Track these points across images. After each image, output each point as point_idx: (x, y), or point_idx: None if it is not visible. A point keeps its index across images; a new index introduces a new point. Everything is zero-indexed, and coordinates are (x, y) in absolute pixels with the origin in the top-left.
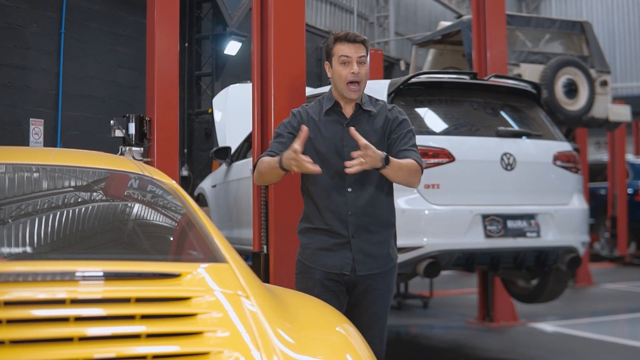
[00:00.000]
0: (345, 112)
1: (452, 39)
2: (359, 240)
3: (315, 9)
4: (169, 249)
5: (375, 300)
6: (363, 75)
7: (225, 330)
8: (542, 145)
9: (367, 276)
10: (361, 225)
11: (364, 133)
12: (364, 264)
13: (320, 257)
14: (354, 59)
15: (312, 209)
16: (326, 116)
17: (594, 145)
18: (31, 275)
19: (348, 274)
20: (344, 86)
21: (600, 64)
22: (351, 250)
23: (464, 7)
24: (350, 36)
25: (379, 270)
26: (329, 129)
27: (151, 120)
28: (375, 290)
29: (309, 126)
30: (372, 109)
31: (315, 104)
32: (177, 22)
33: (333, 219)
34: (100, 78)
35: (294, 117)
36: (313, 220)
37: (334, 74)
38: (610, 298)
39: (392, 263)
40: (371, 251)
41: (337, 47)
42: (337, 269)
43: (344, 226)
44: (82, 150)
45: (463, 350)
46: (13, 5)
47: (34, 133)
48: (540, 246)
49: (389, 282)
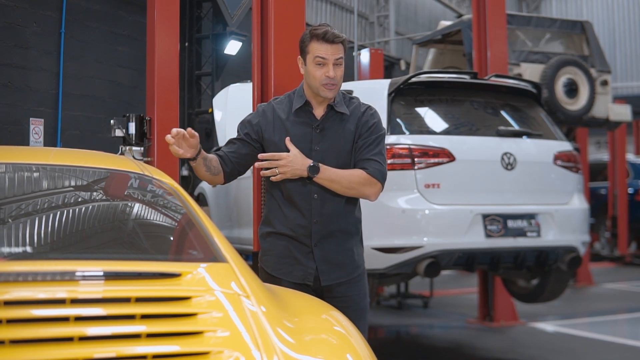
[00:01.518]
0: (316, 113)
1: (452, 39)
2: (322, 249)
3: (315, 9)
4: (169, 249)
5: (348, 308)
6: (339, 78)
7: (226, 330)
8: (543, 145)
9: (335, 285)
10: (326, 233)
11: (335, 136)
12: (328, 273)
13: (283, 266)
14: (330, 61)
15: (274, 212)
16: (295, 116)
17: (594, 144)
18: (31, 275)
19: (311, 284)
20: (319, 86)
21: (600, 63)
22: (314, 260)
23: (464, 6)
24: (329, 36)
25: (345, 278)
26: (297, 130)
27: (151, 120)
28: (346, 298)
29: (275, 125)
30: (345, 111)
31: (285, 99)
32: (177, 21)
33: (297, 226)
34: (100, 78)
35: (256, 116)
36: (275, 224)
37: (307, 74)
38: (610, 298)
39: (359, 270)
40: (336, 260)
41: (312, 46)
42: (299, 279)
43: (307, 234)
44: (82, 150)
45: (463, 350)
46: (13, 5)
47: (34, 133)
48: (541, 246)
49: (360, 289)
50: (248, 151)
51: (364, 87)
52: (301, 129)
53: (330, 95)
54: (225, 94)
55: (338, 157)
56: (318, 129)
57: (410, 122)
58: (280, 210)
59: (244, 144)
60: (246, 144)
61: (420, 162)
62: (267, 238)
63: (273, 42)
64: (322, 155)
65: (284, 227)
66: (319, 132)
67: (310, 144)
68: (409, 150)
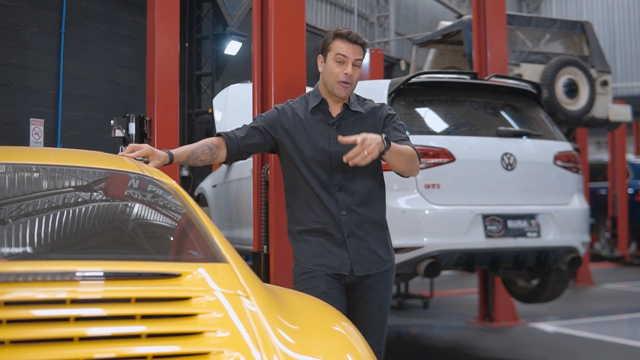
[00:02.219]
0: (332, 111)
1: (452, 39)
2: (355, 240)
3: (315, 9)
4: (169, 249)
5: (372, 300)
6: (355, 78)
7: (226, 330)
8: (543, 145)
9: (365, 277)
10: (356, 224)
11: (351, 133)
12: (361, 264)
13: (317, 259)
14: (350, 60)
15: (301, 210)
16: (312, 114)
17: (594, 145)
18: (31, 275)
19: (347, 274)
20: (335, 83)
21: (600, 63)
22: (347, 251)
23: (464, 7)
24: (352, 36)
25: (378, 270)
26: (315, 127)
27: (151, 120)
28: (373, 290)
29: (295, 123)
30: (360, 109)
31: (301, 100)
32: (177, 22)
33: (326, 220)
34: (100, 78)
35: (276, 114)
36: (305, 222)
37: (325, 70)
38: (610, 298)
39: (389, 264)
40: (369, 251)
41: (335, 44)
42: (336, 269)
43: (338, 227)
44: (82, 150)
45: (463, 350)
46: (13, 5)
47: (34, 133)
48: (541, 246)
49: (387, 283)
50: (260, 141)
51: (364, 88)
52: (319, 126)
53: (343, 94)
54: (225, 94)
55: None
56: (334, 126)
57: (410, 123)
58: (307, 206)
59: (260, 133)
60: (261, 134)
61: (420, 163)
62: (299, 236)
63: (273, 42)
64: (340, 148)
65: (314, 223)
66: (335, 129)
67: (329, 139)
68: None
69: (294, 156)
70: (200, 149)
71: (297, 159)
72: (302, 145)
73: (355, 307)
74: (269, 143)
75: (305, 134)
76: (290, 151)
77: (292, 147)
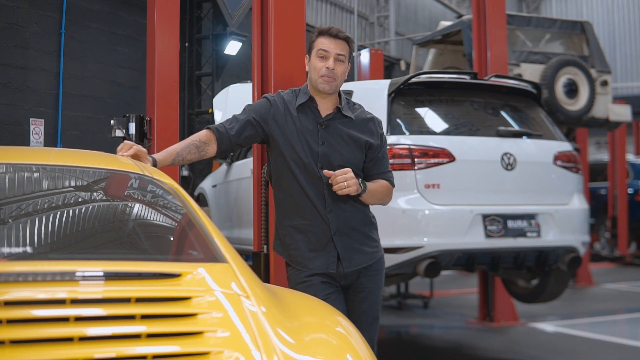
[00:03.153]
0: (322, 110)
1: (452, 39)
2: (342, 236)
3: (315, 9)
4: (169, 249)
5: (365, 298)
6: (339, 73)
7: (226, 330)
8: (543, 145)
9: (358, 276)
10: (343, 221)
11: (339, 135)
12: (349, 260)
13: (306, 259)
14: (331, 54)
15: (289, 207)
16: (301, 112)
17: (594, 145)
18: (31, 275)
19: (334, 271)
20: (317, 78)
21: (600, 63)
22: (335, 248)
23: (464, 7)
24: (332, 31)
25: (366, 263)
26: (304, 124)
27: (151, 120)
28: (366, 288)
29: (286, 118)
30: (350, 115)
31: (291, 93)
32: (178, 22)
33: (313, 217)
34: (100, 78)
35: (267, 106)
36: (293, 218)
37: (310, 67)
38: (610, 298)
39: (379, 254)
40: (356, 246)
41: (318, 40)
42: (322, 268)
43: (325, 223)
44: (82, 150)
45: (463, 350)
46: (13, 5)
47: (34, 133)
48: (541, 246)
49: (378, 280)
50: (251, 134)
51: (364, 88)
52: (308, 124)
53: (327, 88)
54: (225, 94)
55: (342, 155)
56: (323, 126)
57: (410, 123)
58: (294, 202)
59: (251, 126)
60: (252, 127)
61: (420, 163)
62: (286, 230)
63: (273, 42)
64: (326, 150)
65: (301, 219)
66: (323, 129)
67: (316, 137)
68: (409, 151)
69: (284, 150)
70: (186, 149)
71: (287, 153)
72: (292, 140)
73: (348, 305)
74: (260, 135)
75: (295, 129)
76: (280, 145)
77: (283, 141)
